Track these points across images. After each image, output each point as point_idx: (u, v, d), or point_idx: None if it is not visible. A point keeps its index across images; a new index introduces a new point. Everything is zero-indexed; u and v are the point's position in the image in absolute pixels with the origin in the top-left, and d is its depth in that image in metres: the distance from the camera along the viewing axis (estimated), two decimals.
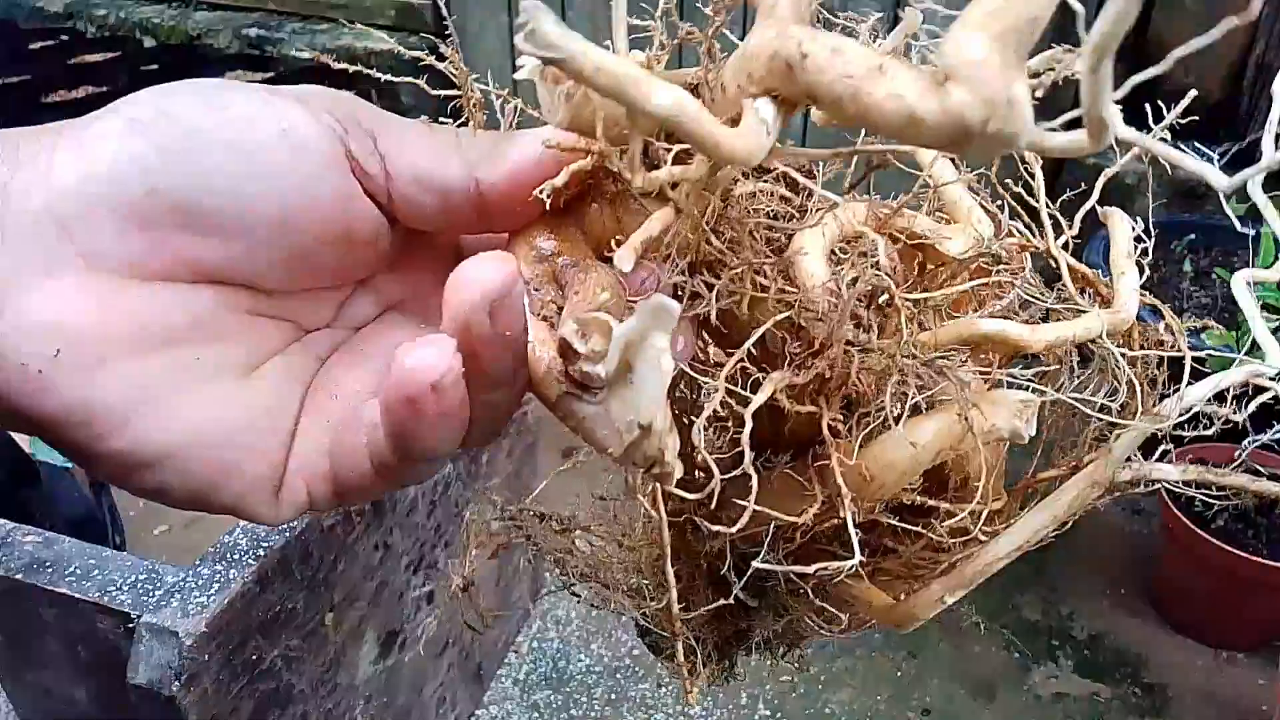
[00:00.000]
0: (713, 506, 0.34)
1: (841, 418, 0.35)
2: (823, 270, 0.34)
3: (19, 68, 2.56)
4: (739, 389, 0.33)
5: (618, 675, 1.34)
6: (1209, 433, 0.46)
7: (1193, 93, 0.45)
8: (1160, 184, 1.87)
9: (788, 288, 0.34)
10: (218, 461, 0.30)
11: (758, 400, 0.33)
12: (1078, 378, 0.43)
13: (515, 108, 0.40)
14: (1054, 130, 0.26)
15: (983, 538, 0.41)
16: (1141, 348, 0.44)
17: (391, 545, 0.97)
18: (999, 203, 0.46)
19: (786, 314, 0.33)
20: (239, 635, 0.77)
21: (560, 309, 0.30)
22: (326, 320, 0.35)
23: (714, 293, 0.33)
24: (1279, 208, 1.37)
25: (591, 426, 0.29)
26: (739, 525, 0.34)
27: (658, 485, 0.44)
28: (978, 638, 1.40)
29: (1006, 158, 0.29)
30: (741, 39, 0.28)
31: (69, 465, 1.35)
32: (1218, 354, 1.48)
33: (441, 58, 0.38)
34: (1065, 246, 0.49)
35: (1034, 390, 0.42)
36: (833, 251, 0.35)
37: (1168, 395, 0.44)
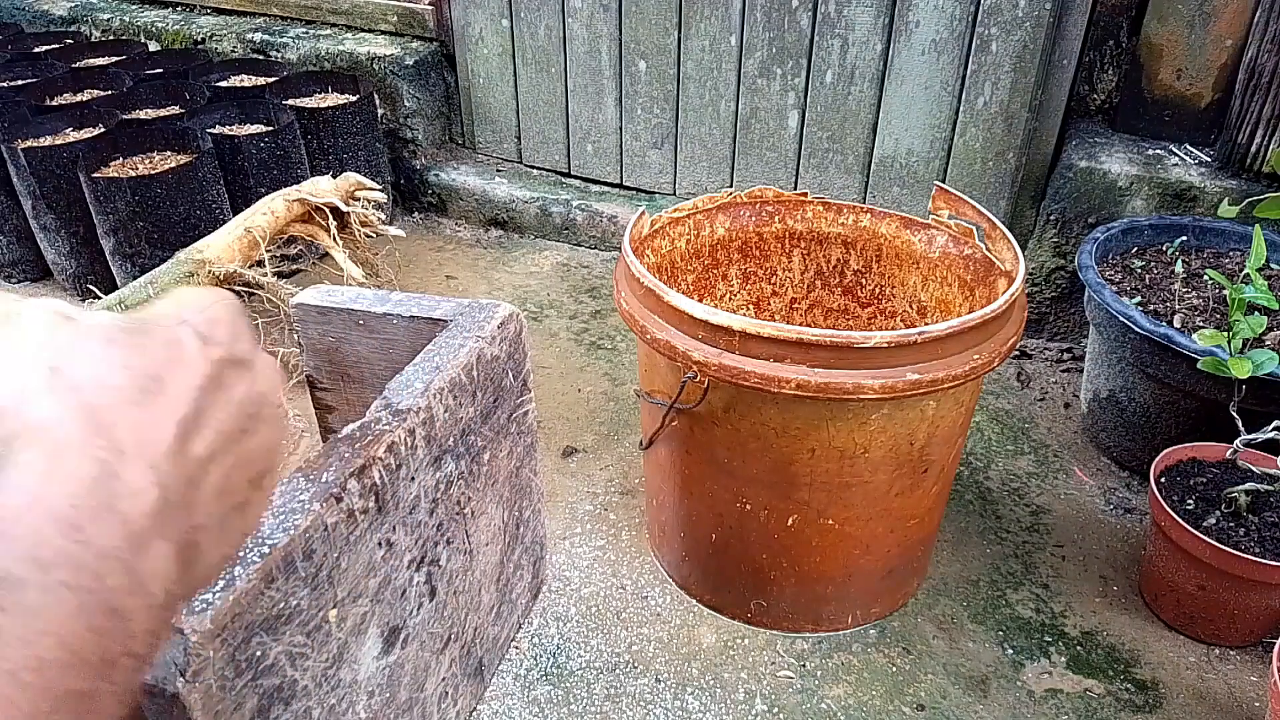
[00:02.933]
0: None
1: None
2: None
3: (24, 71, 2.58)
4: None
5: (617, 671, 1.35)
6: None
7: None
8: (1152, 186, 1.88)
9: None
10: None
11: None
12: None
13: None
14: None
15: None
16: None
17: (394, 543, 0.99)
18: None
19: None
20: (243, 632, 0.78)
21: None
22: None
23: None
24: (1272, 208, 1.40)
25: None
26: None
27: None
28: (971, 635, 1.42)
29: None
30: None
31: None
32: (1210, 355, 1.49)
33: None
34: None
35: None
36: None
37: None
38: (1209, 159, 1.91)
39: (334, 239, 1.96)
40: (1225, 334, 1.37)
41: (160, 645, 0.34)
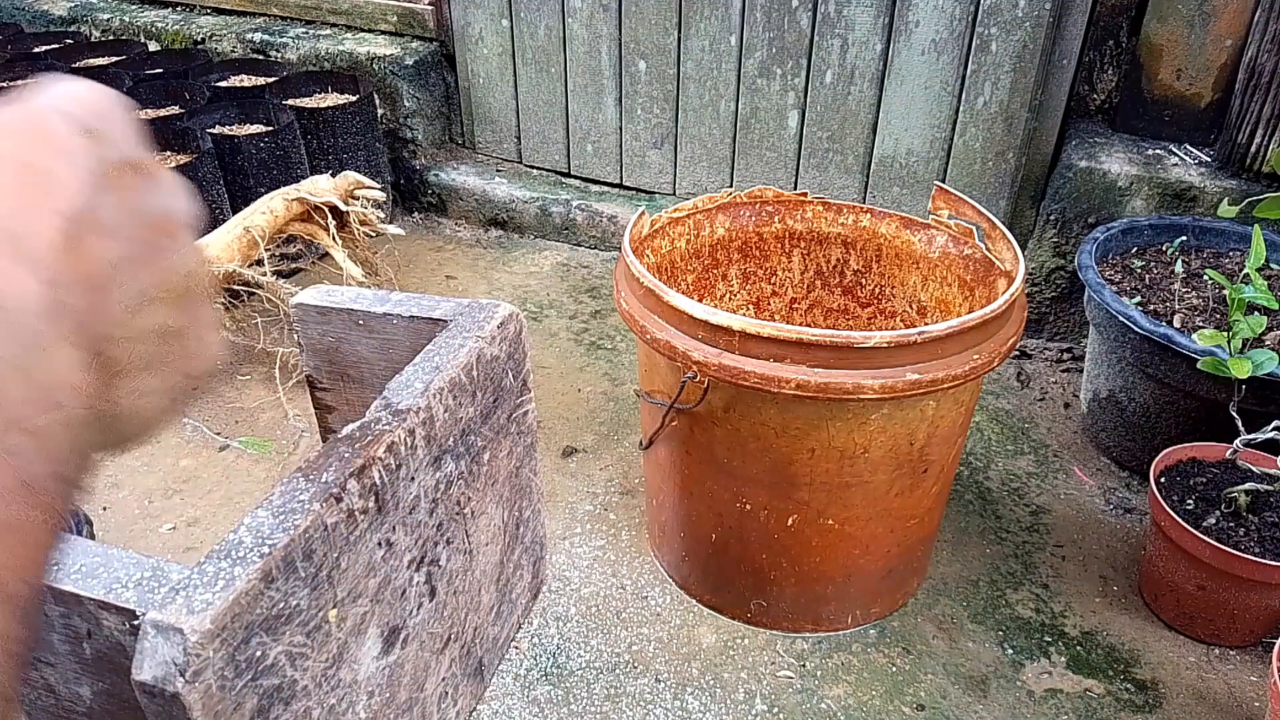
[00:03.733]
0: None
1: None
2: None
3: (24, 71, 2.58)
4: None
5: (617, 671, 1.35)
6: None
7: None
8: (1152, 186, 1.88)
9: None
10: None
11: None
12: None
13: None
14: None
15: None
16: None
17: (394, 543, 0.99)
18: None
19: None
20: (243, 632, 0.78)
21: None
22: None
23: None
24: (1272, 208, 1.40)
25: None
26: None
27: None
28: (971, 635, 1.42)
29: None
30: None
31: None
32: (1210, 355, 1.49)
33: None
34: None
35: None
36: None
37: None
38: (1209, 159, 1.91)
39: (333, 238, 1.96)
40: (1225, 334, 1.37)
41: (89, 467, 0.31)
